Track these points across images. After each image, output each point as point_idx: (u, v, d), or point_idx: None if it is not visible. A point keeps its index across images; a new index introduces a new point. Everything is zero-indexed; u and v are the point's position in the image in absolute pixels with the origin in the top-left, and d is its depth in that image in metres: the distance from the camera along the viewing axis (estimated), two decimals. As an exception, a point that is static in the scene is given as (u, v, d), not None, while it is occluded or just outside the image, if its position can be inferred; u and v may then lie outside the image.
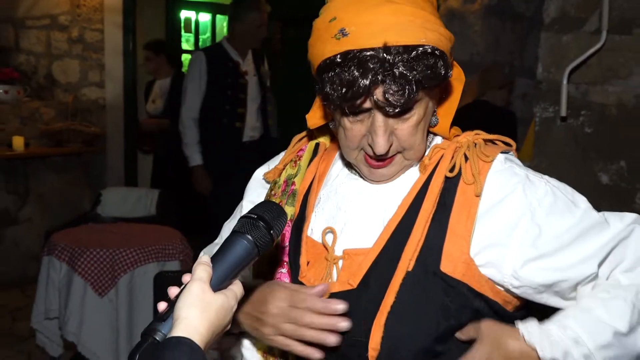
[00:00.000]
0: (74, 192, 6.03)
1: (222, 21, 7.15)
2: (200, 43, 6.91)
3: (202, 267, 0.97)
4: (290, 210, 1.27)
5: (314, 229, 1.24)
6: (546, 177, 1.20)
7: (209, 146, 4.50)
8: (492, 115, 3.86)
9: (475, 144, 1.19)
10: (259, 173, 1.43)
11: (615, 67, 2.76)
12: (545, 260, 1.11)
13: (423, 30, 1.07)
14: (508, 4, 4.64)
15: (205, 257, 1.00)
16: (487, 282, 1.12)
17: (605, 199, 2.81)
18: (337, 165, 1.32)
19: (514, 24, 4.70)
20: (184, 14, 6.70)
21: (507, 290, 1.14)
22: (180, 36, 6.67)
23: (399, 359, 1.08)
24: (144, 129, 6.20)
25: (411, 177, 1.21)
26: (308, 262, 1.21)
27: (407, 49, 1.05)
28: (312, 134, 1.38)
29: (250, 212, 1.04)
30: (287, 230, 1.25)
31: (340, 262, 1.17)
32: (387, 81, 1.04)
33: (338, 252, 1.18)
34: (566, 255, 1.11)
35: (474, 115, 3.78)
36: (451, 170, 1.16)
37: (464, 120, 1.34)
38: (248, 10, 4.17)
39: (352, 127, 1.14)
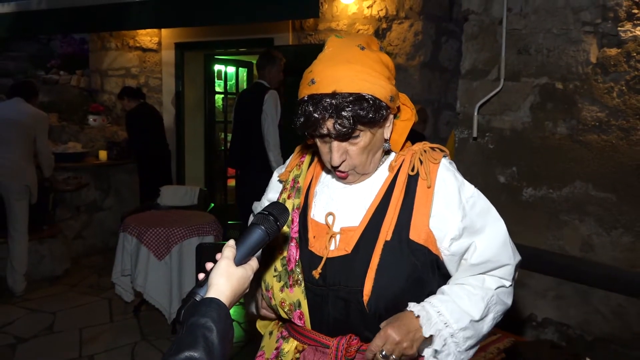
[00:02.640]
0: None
1: (243, 72, 7.12)
2: (228, 87, 6.88)
3: (229, 249, 0.99)
4: (297, 202, 1.27)
5: (315, 214, 1.24)
6: (474, 188, 1.22)
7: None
8: (416, 137, 3.90)
9: (425, 151, 1.21)
10: (275, 176, 1.42)
11: (509, 103, 2.77)
12: (463, 240, 1.17)
13: (364, 82, 1.08)
14: (437, 61, 4.65)
15: (231, 241, 1.02)
16: (436, 245, 1.15)
17: (502, 193, 2.82)
18: (327, 168, 1.31)
19: (441, 74, 4.72)
20: (217, 67, 6.67)
21: (441, 253, 1.18)
22: (214, 82, 6.63)
23: (382, 299, 1.11)
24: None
25: (382, 176, 1.22)
26: (314, 236, 1.21)
27: (350, 95, 1.06)
28: (309, 145, 1.37)
29: (264, 209, 1.06)
30: (295, 216, 1.25)
31: (338, 237, 1.19)
32: (334, 116, 1.06)
33: (336, 229, 1.19)
34: (473, 241, 1.18)
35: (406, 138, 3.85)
36: (412, 170, 1.18)
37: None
38: (276, 60, 4.15)
39: (321, 147, 1.16)
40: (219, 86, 6.84)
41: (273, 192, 1.41)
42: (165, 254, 3.42)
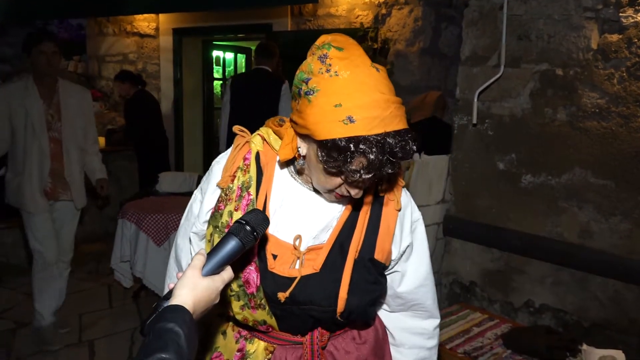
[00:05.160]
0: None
1: (241, 58, 7.08)
2: (226, 74, 6.84)
3: (197, 257, 0.96)
4: None
5: (277, 230, 1.13)
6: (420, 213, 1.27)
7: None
8: (439, 126, 3.86)
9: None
10: (213, 179, 1.20)
11: (508, 89, 2.76)
12: (401, 261, 1.24)
13: (402, 117, 0.96)
14: (436, 47, 4.62)
15: (202, 249, 0.98)
16: (389, 260, 1.19)
17: (501, 180, 2.82)
18: (280, 173, 1.17)
19: (441, 60, 4.69)
20: (215, 53, 6.62)
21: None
22: (212, 68, 6.59)
23: (354, 313, 1.13)
24: None
25: None
26: (276, 255, 1.11)
27: (399, 132, 0.94)
28: (247, 140, 1.19)
29: (242, 218, 0.99)
30: None
31: (303, 256, 1.12)
32: (386, 158, 0.94)
33: (303, 248, 1.12)
34: (411, 259, 1.25)
35: (428, 127, 3.78)
36: (380, 190, 1.17)
37: (421, 131, 1.36)
38: (276, 52, 4.14)
39: (333, 178, 1.02)
40: (217, 72, 6.80)
41: (209, 197, 1.20)
42: (164, 240, 3.42)
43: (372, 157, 0.92)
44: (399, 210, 1.17)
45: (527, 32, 2.66)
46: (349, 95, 0.92)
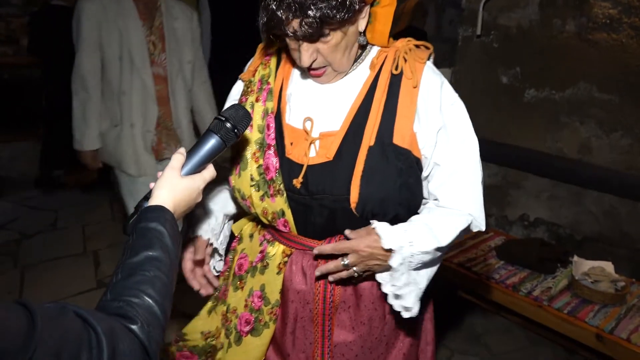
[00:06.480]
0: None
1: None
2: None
3: (176, 157, 0.94)
4: (270, 105, 1.16)
5: (290, 118, 1.14)
6: (457, 96, 1.13)
7: None
8: (416, 36, 3.71)
9: (410, 49, 1.11)
10: (239, 80, 1.27)
11: (517, -1, 2.64)
12: (437, 148, 1.10)
13: None
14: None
15: (182, 149, 0.96)
16: (418, 148, 1.08)
17: (504, 95, 2.77)
18: (299, 67, 1.17)
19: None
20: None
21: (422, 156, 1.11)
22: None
23: (370, 205, 1.05)
24: None
25: (362, 75, 1.11)
26: (292, 143, 1.12)
27: None
28: (273, 43, 1.22)
29: (222, 114, 0.97)
30: (270, 122, 1.15)
31: (317, 142, 1.10)
32: (300, 16, 0.94)
33: (315, 134, 1.10)
34: (445, 142, 1.10)
35: (405, 36, 3.64)
36: (396, 69, 1.08)
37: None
38: None
39: (290, 44, 1.04)
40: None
41: (235, 89, 1.28)
42: (163, 154, 3.40)
43: (280, 14, 0.95)
44: (415, 87, 1.07)
45: None
46: None
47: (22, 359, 0.51)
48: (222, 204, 1.31)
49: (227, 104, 1.27)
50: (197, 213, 1.27)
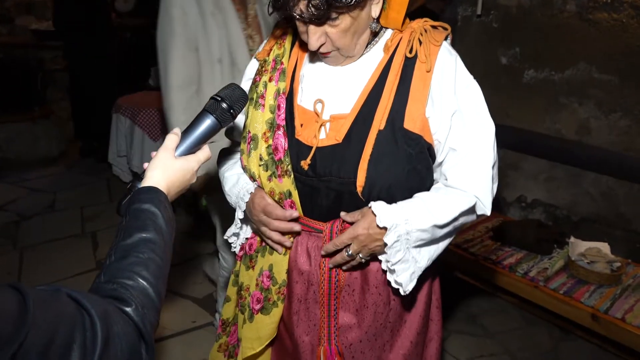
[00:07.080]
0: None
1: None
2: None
3: (170, 137, 0.93)
4: (282, 85, 1.15)
5: (302, 99, 1.13)
6: (473, 78, 1.10)
7: None
8: (428, 15, 3.64)
9: (426, 30, 1.08)
10: (254, 59, 1.27)
11: (517, -23, 2.60)
12: (451, 132, 1.07)
13: None
14: None
15: (176, 129, 0.95)
16: (430, 133, 1.06)
17: (503, 75, 2.75)
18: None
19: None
20: None
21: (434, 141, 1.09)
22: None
23: (376, 189, 1.05)
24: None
25: (376, 57, 1.09)
26: (302, 125, 1.11)
27: None
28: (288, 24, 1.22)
29: (218, 93, 0.96)
30: (281, 102, 1.14)
31: (327, 125, 1.09)
32: None
33: (325, 116, 1.09)
34: (460, 127, 1.07)
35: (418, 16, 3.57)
36: (410, 52, 1.06)
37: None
38: None
39: (299, 26, 1.03)
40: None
41: (249, 70, 1.27)
42: (160, 135, 3.40)
43: None
44: (428, 71, 1.05)
45: None
46: None
47: (15, 342, 0.50)
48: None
49: (243, 83, 1.27)
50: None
